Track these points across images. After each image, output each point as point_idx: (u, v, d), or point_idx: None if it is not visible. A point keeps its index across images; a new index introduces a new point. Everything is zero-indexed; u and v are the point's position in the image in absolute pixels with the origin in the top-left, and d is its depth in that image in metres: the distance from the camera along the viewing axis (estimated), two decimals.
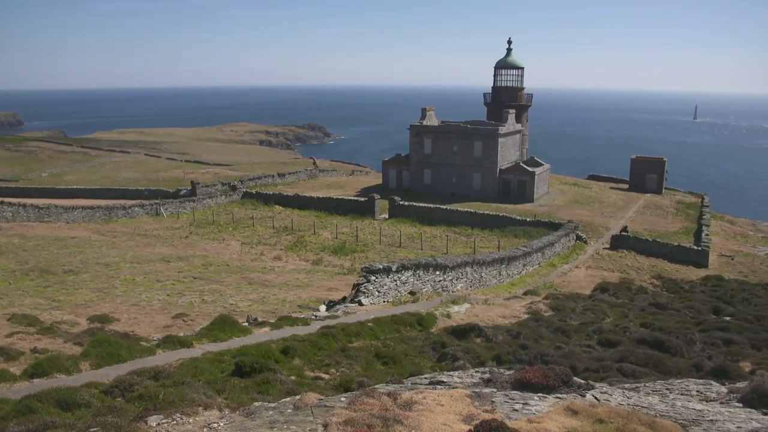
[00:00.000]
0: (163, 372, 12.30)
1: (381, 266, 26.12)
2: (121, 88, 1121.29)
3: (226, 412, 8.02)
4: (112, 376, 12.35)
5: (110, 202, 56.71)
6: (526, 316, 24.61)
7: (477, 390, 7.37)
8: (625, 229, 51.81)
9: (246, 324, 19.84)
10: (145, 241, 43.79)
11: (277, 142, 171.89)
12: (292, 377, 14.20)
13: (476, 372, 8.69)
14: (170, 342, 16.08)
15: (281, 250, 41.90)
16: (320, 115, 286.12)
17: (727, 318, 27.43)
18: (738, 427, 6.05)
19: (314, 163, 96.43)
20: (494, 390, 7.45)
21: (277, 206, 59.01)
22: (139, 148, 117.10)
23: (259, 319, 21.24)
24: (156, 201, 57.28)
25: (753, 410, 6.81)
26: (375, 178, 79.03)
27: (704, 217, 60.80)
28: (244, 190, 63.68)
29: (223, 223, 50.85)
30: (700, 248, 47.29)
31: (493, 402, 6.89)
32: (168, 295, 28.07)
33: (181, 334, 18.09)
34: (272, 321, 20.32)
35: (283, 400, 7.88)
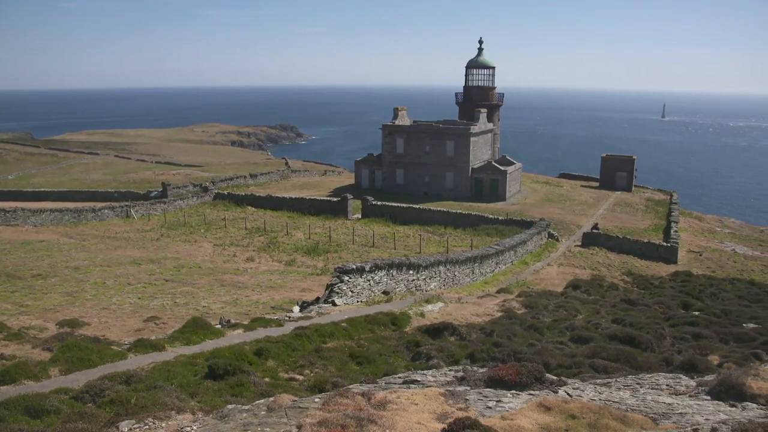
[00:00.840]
0: (134, 376, 12.14)
1: (354, 266, 26.09)
2: (92, 89, 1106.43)
3: (200, 416, 7.95)
4: (82, 382, 12.15)
5: (79, 205, 55.84)
6: (499, 314, 24.76)
7: (451, 388, 7.40)
8: (596, 226, 52.40)
9: (219, 326, 19.68)
10: (116, 243, 43.24)
11: (249, 143, 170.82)
12: (266, 379, 14.12)
13: (450, 370, 8.72)
14: (142, 346, 15.88)
15: (254, 251, 41.65)
16: (292, 115, 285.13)
17: (696, 313, 27.87)
18: (706, 419, 6.15)
19: (286, 164, 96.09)
20: (468, 388, 7.48)
21: (249, 207, 58.68)
22: (109, 149, 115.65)
23: (232, 321, 21.08)
24: (126, 203, 56.59)
25: (720, 402, 6.93)
26: (348, 178, 78.98)
27: (673, 214, 61.74)
28: (216, 191, 63.21)
29: (194, 225, 50.42)
30: (669, 245, 48.01)
31: (466, 400, 6.93)
32: (139, 298, 27.74)
33: (153, 338, 17.88)
34: (245, 323, 20.17)
35: (257, 402, 7.84)
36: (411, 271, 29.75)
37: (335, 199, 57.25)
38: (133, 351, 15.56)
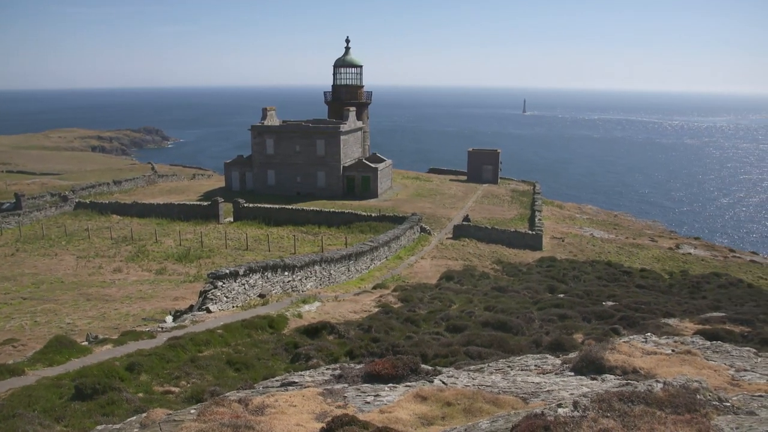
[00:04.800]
0: None
1: (228, 271, 25.56)
2: None
3: None
4: None
5: None
6: (376, 309, 25.04)
7: (329, 387, 7.39)
8: (466, 218, 54.17)
9: (86, 343, 18.66)
10: None
11: (112, 148, 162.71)
12: (140, 394, 13.58)
13: (327, 369, 8.72)
14: None
15: (121, 261, 39.79)
16: (157, 118, 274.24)
17: (561, 295, 29.50)
18: (571, 393, 6.49)
19: (153, 169, 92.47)
20: (346, 385, 7.51)
21: (114, 215, 55.94)
22: None
23: (101, 337, 20.06)
24: None
25: (583, 377, 7.35)
26: (218, 181, 77.11)
27: (536, 203, 64.98)
28: (77, 200, 59.76)
29: (54, 237, 47.44)
30: (534, 233, 50.45)
31: (345, 397, 6.94)
32: None
33: (11, 362, 16.67)
34: (115, 337, 19.26)
35: (129, 419, 7.54)
36: (286, 273, 29.51)
37: (206, 203, 55.74)
38: None
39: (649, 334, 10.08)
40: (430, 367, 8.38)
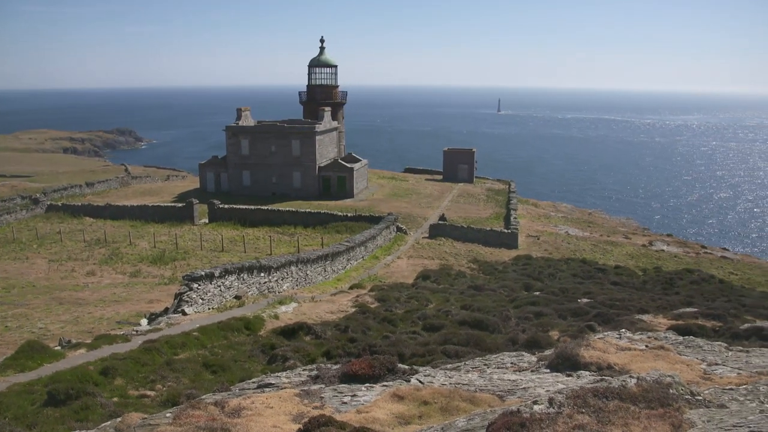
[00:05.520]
0: None
1: (203, 272, 25.37)
2: None
3: None
4: None
5: None
6: (353, 309, 25.01)
7: (306, 388, 7.37)
8: (442, 217, 54.34)
9: (59, 348, 18.42)
10: None
11: (84, 149, 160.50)
12: (115, 399, 13.42)
13: (304, 370, 8.69)
14: None
15: (95, 264, 39.30)
16: (130, 119, 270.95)
17: (537, 293, 29.69)
18: (547, 390, 6.54)
19: (126, 170, 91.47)
20: (323, 386, 7.49)
21: (87, 218, 55.23)
22: None
23: (74, 341, 19.79)
24: None
25: (559, 374, 7.40)
26: (192, 182, 76.51)
27: (512, 202, 65.38)
28: (49, 203, 58.92)
29: (25, 241, 46.71)
30: (510, 231, 50.76)
31: (322, 398, 6.93)
32: None
33: None
34: (89, 341, 19.00)
35: (104, 424, 7.46)
36: (263, 274, 29.37)
37: (180, 205, 55.26)
38: None
39: (623, 330, 10.20)
40: (407, 367, 8.39)
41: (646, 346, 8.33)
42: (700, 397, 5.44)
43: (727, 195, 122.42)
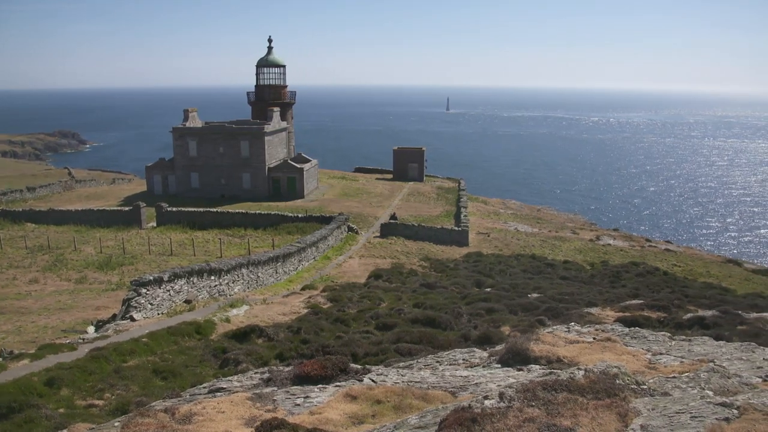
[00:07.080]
0: None
1: (152, 277, 24.91)
2: None
3: None
4: None
5: None
6: (305, 310, 24.89)
7: (258, 391, 7.31)
8: (393, 216, 54.50)
9: (0, 359, 17.83)
10: None
11: (24, 153, 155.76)
12: (61, 410, 13.06)
13: (256, 373, 8.61)
14: None
15: (37, 271, 38.18)
16: (73, 121, 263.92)
17: (488, 289, 30.05)
18: (498, 385, 6.61)
19: (70, 174, 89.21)
20: (275, 388, 7.43)
21: (28, 224, 53.59)
22: None
23: (16, 352, 19.21)
24: None
25: (510, 368, 7.50)
26: (139, 185, 75.02)
27: (462, 200, 66.00)
28: None
29: None
30: (460, 229, 51.21)
31: (274, 401, 6.87)
32: None
33: None
34: (32, 351, 18.45)
35: None
36: (213, 277, 29.00)
37: (127, 209, 54.13)
38: None
39: (572, 323, 10.39)
40: (359, 366, 8.39)
41: (594, 338, 8.50)
42: (645, 386, 5.58)
43: (666, 188, 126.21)
